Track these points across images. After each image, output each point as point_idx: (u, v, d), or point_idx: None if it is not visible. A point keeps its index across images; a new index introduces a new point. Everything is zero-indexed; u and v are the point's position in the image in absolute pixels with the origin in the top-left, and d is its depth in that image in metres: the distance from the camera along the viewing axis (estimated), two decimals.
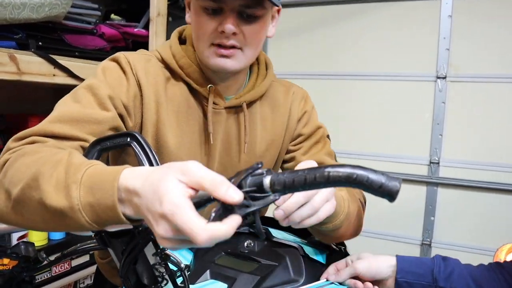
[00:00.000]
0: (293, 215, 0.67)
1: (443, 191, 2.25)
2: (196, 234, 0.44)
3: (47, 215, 0.56)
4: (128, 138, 0.66)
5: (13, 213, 0.60)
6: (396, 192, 0.45)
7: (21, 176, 0.59)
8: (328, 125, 1.05)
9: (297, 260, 0.86)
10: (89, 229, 0.57)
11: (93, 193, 0.53)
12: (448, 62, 2.15)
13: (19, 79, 1.40)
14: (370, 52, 2.34)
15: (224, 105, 0.91)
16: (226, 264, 0.86)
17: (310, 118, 1.01)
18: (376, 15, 2.31)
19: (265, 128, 0.96)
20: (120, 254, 0.65)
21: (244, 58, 0.85)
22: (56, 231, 0.60)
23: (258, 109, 0.96)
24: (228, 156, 0.94)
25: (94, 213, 0.54)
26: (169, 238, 0.47)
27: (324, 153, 0.97)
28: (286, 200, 0.65)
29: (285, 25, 2.51)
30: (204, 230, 0.45)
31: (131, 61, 0.85)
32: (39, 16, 1.44)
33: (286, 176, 0.49)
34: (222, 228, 0.46)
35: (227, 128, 0.93)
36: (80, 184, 0.54)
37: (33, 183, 0.57)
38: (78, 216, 0.54)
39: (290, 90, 1.01)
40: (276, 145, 0.98)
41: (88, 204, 0.54)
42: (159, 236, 0.48)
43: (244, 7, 0.79)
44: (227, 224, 0.46)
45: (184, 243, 0.48)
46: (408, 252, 2.35)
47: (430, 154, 2.25)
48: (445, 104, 2.18)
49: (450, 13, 2.13)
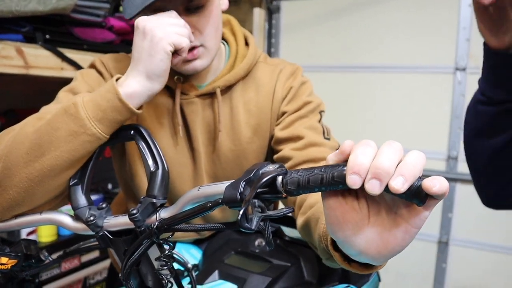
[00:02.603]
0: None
1: (461, 187, 2.19)
2: None
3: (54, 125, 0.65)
4: (132, 132, 0.62)
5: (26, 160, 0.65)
6: (426, 195, 0.40)
7: (25, 136, 0.66)
8: (344, 118, 1.00)
9: (311, 261, 0.81)
10: (93, 133, 0.64)
11: (94, 93, 0.68)
12: (468, 53, 2.08)
13: (27, 73, 1.38)
14: (386, 43, 2.28)
15: (195, 93, 0.87)
16: (236, 264, 0.82)
17: (297, 93, 0.90)
18: (392, 6, 2.25)
19: (249, 112, 0.89)
20: (122, 255, 0.62)
21: (209, 51, 0.83)
22: (65, 155, 0.62)
23: (240, 92, 0.89)
24: (212, 146, 0.89)
25: (96, 104, 0.65)
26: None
27: (306, 126, 0.84)
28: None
29: (298, 16, 2.46)
30: None
31: (105, 61, 0.89)
32: (46, 8, 1.41)
33: (300, 175, 0.44)
34: None
35: (205, 118, 0.88)
36: (83, 94, 0.68)
37: (39, 122, 0.67)
38: (80, 112, 0.63)
39: (277, 68, 0.93)
40: (263, 130, 0.89)
41: (89, 100, 0.65)
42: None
43: (187, 2, 0.76)
44: None
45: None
46: (425, 250, 2.30)
47: (448, 148, 2.18)
48: (464, 96, 2.11)
49: (470, 2, 2.05)
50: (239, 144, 0.88)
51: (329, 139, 0.83)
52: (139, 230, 0.58)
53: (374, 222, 0.44)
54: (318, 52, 2.45)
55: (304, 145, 0.80)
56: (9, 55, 1.32)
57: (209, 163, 0.90)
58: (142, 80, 0.68)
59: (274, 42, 2.55)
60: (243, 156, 0.88)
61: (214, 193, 0.51)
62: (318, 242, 0.60)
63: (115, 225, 0.61)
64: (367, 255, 0.44)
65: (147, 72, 0.68)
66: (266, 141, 0.90)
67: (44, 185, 0.64)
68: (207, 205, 0.49)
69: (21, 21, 1.40)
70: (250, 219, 0.42)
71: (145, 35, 0.68)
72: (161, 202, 0.58)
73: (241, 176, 0.47)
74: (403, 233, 0.43)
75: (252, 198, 0.43)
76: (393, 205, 0.44)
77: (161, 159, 0.59)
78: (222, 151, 0.88)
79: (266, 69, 0.92)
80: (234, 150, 0.88)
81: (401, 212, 0.43)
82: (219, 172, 0.90)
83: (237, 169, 0.89)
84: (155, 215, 0.57)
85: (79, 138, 0.63)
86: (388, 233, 0.43)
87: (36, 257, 0.72)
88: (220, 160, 0.88)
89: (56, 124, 0.64)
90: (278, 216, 0.44)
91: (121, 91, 0.66)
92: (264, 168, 0.47)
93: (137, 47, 0.70)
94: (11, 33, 1.37)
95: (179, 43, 0.70)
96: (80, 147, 0.64)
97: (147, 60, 0.68)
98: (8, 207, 0.65)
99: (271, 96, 0.89)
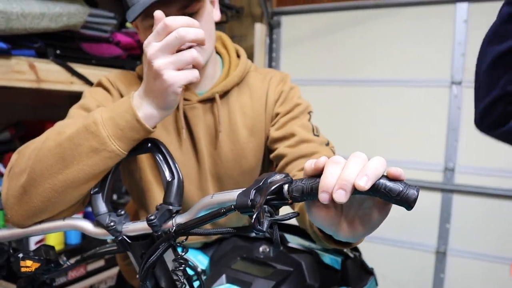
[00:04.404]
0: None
1: (458, 198, 2.23)
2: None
3: (75, 141, 0.69)
4: (149, 144, 0.67)
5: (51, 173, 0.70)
6: (413, 200, 0.45)
7: (47, 151, 0.71)
8: (341, 131, 1.05)
9: (312, 266, 0.86)
10: (113, 150, 0.69)
11: (111, 110, 0.70)
12: (463, 67, 2.14)
13: (38, 87, 1.43)
14: (384, 58, 2.34)
15: (197, 99, 0.95)
16: (242, 269, 0.86)
17: (287, 97, 0.99)
18: (390, 21, 2.31)
19: (244, 114, 0.98)
20: (139, 258, 0.67)
21: (205, 51, 0.89)
22: (85, 170, 0.67)
23: (236, 97, 0.98)
24: (213, 147, 0.97)
25: (115, 123, 0.69)
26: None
27: (298, 125, 0.94)
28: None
29: (298, 31, 2.53)
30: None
31: (111, 79, 0.95)
32: (58, 25, 1.47)
33: (304, 183, 0.50)
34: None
35: (206, 121, 0.96)
36: (101, 112, 0.71)
37: (59, 136, 0.71)
38: (100, 131, 0.67)
39: (267, 76, 1.02)
40: (259, 130, 0.98)
41: (108, 118, 0.69)
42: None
43: (182, 8, 0.83)
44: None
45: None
46: (422, 260, 2.34)
47: (445, 160, 2.23)
48: (460, 109, 2.17)
49: (466, 18, 2.12)
50: (238, 143, 0.96)
51: (318, 136, 0.92)
52: (156, 235, 0.63)
53: (351, 216, 0.54)
54: (318, 66, 2.51)
55: (296, 142, 0.90)
56: (22, 70, 1.38)
57: (212, 163, 0.97)
58: (156, 107, 0.71)
59: (275, 56, 2.62)
60: (243, 155, 0.96)
61: (226, 200, 0.57)
62: (309, 228, 0.71)
63: (133, 230, 0.66)
64: (349, 239, 0.55)
65: (160, 105, 0.71)
66: (262, 140, 0.98)
67: (67, 195, 0.70)
68: (220, 211, 0.54)
69: (33, 37, 1.46)
70: (262, 223, 0.47)
71: (155, 77, 0.68)
72: (176, 208, 0.63)
73: (251, 184, 0.53)
74: (377, 217, 0.53)
75: (263, 204, 0.48)
76: (362, 202, 0.53)
77: (177, 169, 0.64)
78: (223, 151, 0.95)
79: (257, 77, 1.02)
80: (234, 150, 0.96)
81: (368, 204, 0.53)
82: (221, 171, 0.97)
83: (237, 168, 0.96)
84: (171, 221, 0.62)
85: (100, 154, 0.68)
86: (362, 221, 0.54)
87: (55, 262, 0.77)
88: (222, 159, 0.96)
89: (78, 140, 0.68)
90: (286, 219, 0.49)
91: (139, 114, 0.69)
92: (272, 177, 0.53)
93: (148, 81, 0.70)
94: (24, 49, 1.42)
95: (190, 81, 0.71)
96: (101, 162, 0.69)
97: (159, 98, 0.70)
98: (32, 214, 0.71)
99: (264, 100, 0.98)
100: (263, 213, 0.48)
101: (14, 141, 1.76)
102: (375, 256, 0.78)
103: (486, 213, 2.16)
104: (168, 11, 0.81)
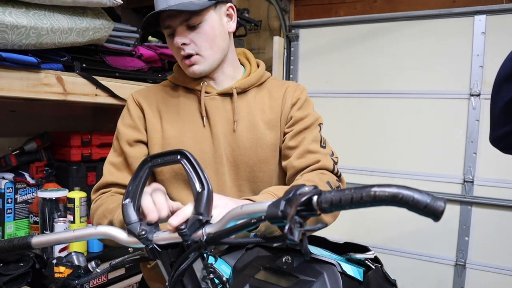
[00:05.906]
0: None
1: (477, 210, 2.21)
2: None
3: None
4: (178, 156, 0.70)
5: None
6: (441, 212, 0.47)
7: (97, 219, 0.96)
8: (361, 143, 1.08)
9: (334, 276, 0.87)
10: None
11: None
12: (482, 79, 2.14)
13: (65, 99, 1.48)
14: (402, 70, 2.35)
15: (216, 92, 1.07)
16: (265, 279, 0.87)
17: (303, 105, 1.09)
18: (408, 33, 2.32)
19: (262, 110, 1.07)
20: (169, 266, 0.69)
21: (205, 59, 1.03)
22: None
23: (254, 95, 1.09)
24: (231, 135, 1.05)
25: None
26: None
27: (309, 136, 1.05)
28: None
29: (316, 44, 2.55)
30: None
31: (135, 96, 1.10)
32: (84, 39, 1.53)
33: (333, 195, 0.51)
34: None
35: (225, 112, 1.06)
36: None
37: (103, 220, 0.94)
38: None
39: (285, 84, 1.13)
40: (275, 125, 1.07)
41: (119, 221, 0.84)
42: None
43: (184, 21, 0.98)
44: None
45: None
46: (441, 273, 2.32)
47: (464, 172, 2.22)
48: (479, 121, 2.16)
49: (484, 30, 2.12)
50: (254, 133, 1.05)
51: (324, 147, 1.05)
52: (186, 244, 0.65)
53: None
54: (335, 78, 2.53)
55: (304, 152, 1.02)
56: (50, 83, 1.43)
57: (229, 150, 1.05)
58: None
59: (293, 69, 2.65)
60: (259, 144, 1.05)
61: (255, 210, 0.59)
62: None
63: (163, 239, 0.68)
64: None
65: None
66: (277, 135, 1.07)
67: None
68: (251, 221, 0.56)
69: (61, 51, 1.52)
70: (293, 233, 0.49)
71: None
72: (206, 218, 0.65)
73: (281, 196, 0.55)
74: None
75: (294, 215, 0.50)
76: None
77: (206, 180, 0.66)
78: (241, 139, 1.04)
79: (275, 83, 1.14)
80: (251, 139, 1.04)
81: None
82: (238, 158, 1.05)
83: (253, 155, 1.05)
84: (201, 230, 0.64)
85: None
86: None
87: (85, 268, 0.80)
88: (239, 147, 1.04)
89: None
90: (316, 230, 0.51)
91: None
92: (301, 189, 0.55)
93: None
94: (53, 62, 1.47)
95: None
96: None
97: None
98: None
99: (281, 100, 1.09)
100: (294, 223, 0.50)
101: (39, 151, 1.81)
102: (394, 269, 0.79)
103: (506, 226, 2.14)
104: (173, 23, 0.99)
